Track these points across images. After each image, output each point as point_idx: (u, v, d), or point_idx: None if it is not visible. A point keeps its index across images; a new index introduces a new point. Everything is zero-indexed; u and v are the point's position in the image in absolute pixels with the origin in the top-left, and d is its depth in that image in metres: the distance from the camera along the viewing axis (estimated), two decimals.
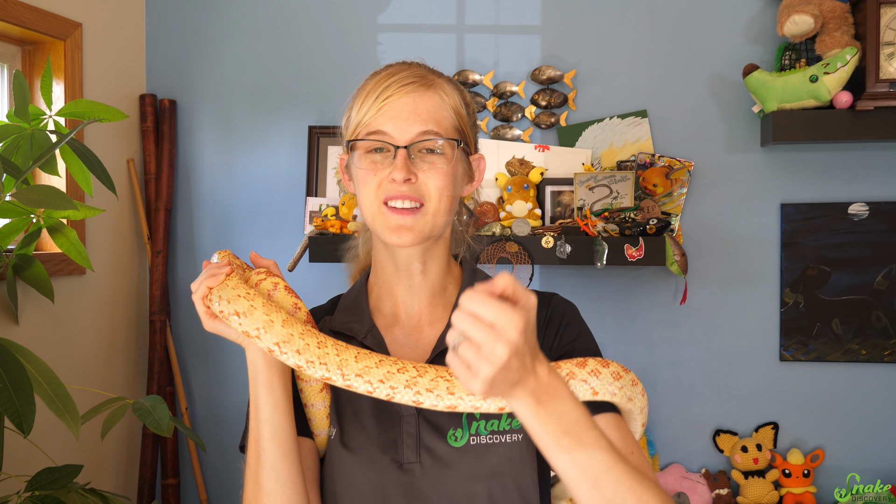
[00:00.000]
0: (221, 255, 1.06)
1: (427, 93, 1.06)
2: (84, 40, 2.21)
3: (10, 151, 1.62)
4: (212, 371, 2.50)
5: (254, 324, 0.94)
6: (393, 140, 1.04)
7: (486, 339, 0.75)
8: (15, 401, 1.31)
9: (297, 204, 2.43)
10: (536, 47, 2.35)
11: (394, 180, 1.03)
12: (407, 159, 1.03)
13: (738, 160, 2.27)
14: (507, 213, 2.21)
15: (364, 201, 1.07)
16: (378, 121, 1.05)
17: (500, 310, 0.75)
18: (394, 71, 1.08)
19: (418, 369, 0.93)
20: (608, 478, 0.82)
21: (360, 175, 1.06)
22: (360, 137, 1.06)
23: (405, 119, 1.04)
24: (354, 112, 1.08)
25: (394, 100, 1.05)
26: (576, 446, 0.81)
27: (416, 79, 1.06)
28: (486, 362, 0.76)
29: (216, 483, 2.50)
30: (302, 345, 0.93)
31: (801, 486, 2.21)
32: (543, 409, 0.81)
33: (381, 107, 1.05)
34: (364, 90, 1.09)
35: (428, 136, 1.05)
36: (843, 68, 2.01)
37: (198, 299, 0.99)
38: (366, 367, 0.93)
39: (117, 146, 2.38)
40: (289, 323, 0.94)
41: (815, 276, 2.25)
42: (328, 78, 2.42)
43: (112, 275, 2.34)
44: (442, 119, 1.07)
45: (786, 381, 2.28)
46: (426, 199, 1.05)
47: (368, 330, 1.12)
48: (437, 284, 1.14)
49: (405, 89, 1.05)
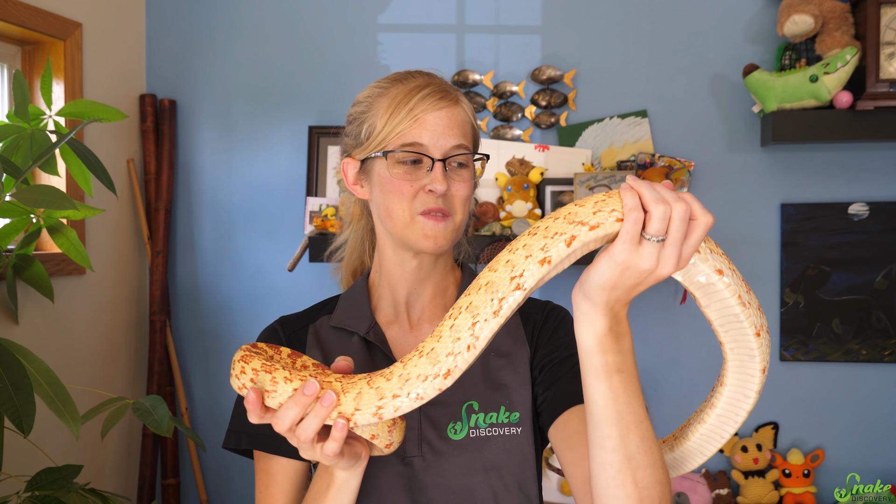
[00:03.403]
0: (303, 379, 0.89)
1: (456, 108, 1.09)
2: (84, 40, 2.21)
3: (9, 151, 1.62)
4: (212, 371, 2.50)
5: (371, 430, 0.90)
6: (430, 152, 1.06)
7: (692, 208, 0.75)
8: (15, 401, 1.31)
9: (297, 204, 2.43)
10: (536, 47, 2.35)
11: (432, 192, 1.06)
12: (444, 171, 1.06)
13: (738, 160, 2.27)
14: (507, 213, 2.21)
15: (395, 209, 1.08)
16: (414, 132, 1.06)
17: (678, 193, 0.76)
18: (420, 84, 1.09)
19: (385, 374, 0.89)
20: (637, 432, 0.83)
21: (393, 184, 1.07)
22: (394, 148, 1.07)
23: (441, 133, 1.07)
24: (380, 121, 1.08)
25: (429, 113, 1.07)
26: (622, 389, 0.82)
27: (444, 93, 1.09)
28: (700, 228, 0.75)
29: (216, 483, 2.49)
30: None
31: (801, 486, 2.21)
32: (613, 338, 0.81)
33: (417, 118, 1.06)
34: (389, 98, 1.09)
35: (461, 149, 1.08)
36: (843, 68, 2.01)
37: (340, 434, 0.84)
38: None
39: (117, 146, 2.38)
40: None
41: (815, 276, 2.25)
42: (328, 78, 2.42)
43: (112, 275, 2.34)
44: (467, 133, 1.11)
45: (786, 381, 2.28)
46: (453, 211, 1.08)
47: (370, 326, 1.13)
48: (440, 285, 1.17)
49: (439, 104, 1.07)
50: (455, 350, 0.79)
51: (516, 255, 0.78)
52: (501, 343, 1.14)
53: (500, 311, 0.77)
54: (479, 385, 1.09)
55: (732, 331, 0.82)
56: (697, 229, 0.75)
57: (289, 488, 1.09)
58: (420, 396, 0.80)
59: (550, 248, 0.76)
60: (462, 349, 0.78)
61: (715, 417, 0.88)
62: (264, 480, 1.09)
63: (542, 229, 0.77)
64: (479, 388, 1.09)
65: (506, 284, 0.77)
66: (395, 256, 1.14)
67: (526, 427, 1.09)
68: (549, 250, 0.76)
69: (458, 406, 1.08)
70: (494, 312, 0.78)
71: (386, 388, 0.81)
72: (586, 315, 0.81)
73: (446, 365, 0.79)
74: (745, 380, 0.84)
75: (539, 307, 1.18)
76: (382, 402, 0.82)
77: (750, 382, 0.84)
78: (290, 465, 1.09)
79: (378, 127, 1.08)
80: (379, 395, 0.82)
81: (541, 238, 0.77)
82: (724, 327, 0.82)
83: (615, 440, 0.82)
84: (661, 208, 0.73)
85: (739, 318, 0.80)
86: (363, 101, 1.12)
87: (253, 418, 0.85)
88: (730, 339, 0.83)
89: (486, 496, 1.05)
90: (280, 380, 0.85)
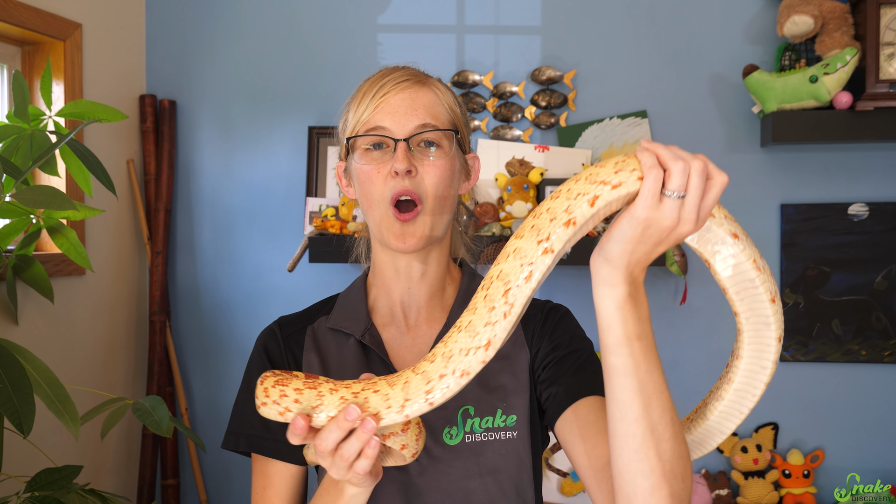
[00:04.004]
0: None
1: (422, 89, 1.08)
2: (84, 41, 2.21)
3: (9, 152, 1.62)
4: (212, 371, 2.50)
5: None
6: (392, 134, 1.05)
7: (709, 165, 0.76)
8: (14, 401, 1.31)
9: (297, 204, 2.43)
10: (536, 47, 2.35)
11: (396, 173, 1.04)
12: (407, 151, 1.04)
13: (738, 160, 2.27)
14: (507, 214, 2.21)
15: (369, 201, 1.07)
16: (376, 117, 1.06)
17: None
18: (387, 71, 1.10)
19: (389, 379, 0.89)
20: (659, 401, 0.82)
21: (363, 173, 1.07)
22: (358, 135, 1.07)
23: (403, 113, 1.06)
24: (351, 114, 1.10)
25: (390, 96, 1.06)
26: (642, 356, 0.81)
27: (410, 76, 1.08)
28: (717, 186, 0.77)
29: (216, 483, 2.49)
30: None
31: (801, 486, 2.21)
32: (632, 304, 0.81)
33: (379, 104, 1.06)
34: (359, 92, 1.11)
35: (426, 128, 1.06)
36: (843, 69, 2.01)
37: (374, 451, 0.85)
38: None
39: (117, 147, 2.38)
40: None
41: (814, 276, 2.25)
42: (328, 78, 2.42)
43: (112, 275, 2.34)
44: (438, 114, 1.08)
45: (786, 382, 2.28)
46: (424, 197, 1.06)
47: (366, 328, 1.12)
48: (436, 286, 1.15)
49: (401, 86, 1.07)
50: (492, 319, 0.77)
51: (541, 219, 0.77)
52: (506, 350, 1.12)
53: (531, 276, 0.77)
54: (474, 389, 1.08)
55: (748, 298, 0.82)
56: (715, 187, 0.76)
57: (286, 492, 1.08)
58: (465, 372, 0.79)
59: (574, 209, 0.76)
60: (499, 317, 0.77)
61: (733, 392, 0.87)
62: (261, 483, 1.09)
63: (565, 192, 0.77)
64: (474, 392, 1.08)
65: (533, 249, 0.77)
66: (385, 256, 1.13)
67: (523, 430, 1.07)
68: (573, 211, 0.76)
69: (454, 410, 1.07)
70: (526, 278, 0.77)
71: (432, 371, 0.80)
72: (606, 281, 0.81)
73: (486, 336, 0.78)
74: (761, 350, 0.84)
75: (538, 308, 1.17)
76: (430, 384, 0.80)
77: (766, 352, 0.83)
78: (287, 469, 1.08)
79: (350, 120, 1.10)
80: (426, 379, 0.80)
81: (563, 200, 0.77)
82: (740, 294, 0.82)
83: (638, 410, 0.81)
84: (679, 164, 0.75)
85: (755, 283, 0.80)
86: (345, 102, 1.14)
87: (295, 440, 0.84)
88: (745, 307, 0.82)
89: (483, 500, 1.05)
90: (326, 392, 0.83)
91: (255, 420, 1.08)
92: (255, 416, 1.08)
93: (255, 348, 1.16)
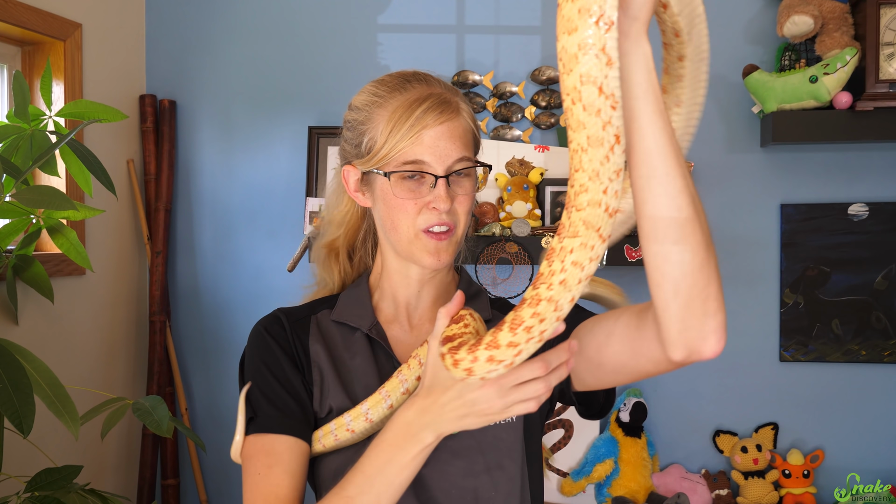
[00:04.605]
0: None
1: (457, 119, 1.08)
2: (84, 41, 2.21)
3: (9, 152, 1.62)
4: (212, 371, 2.50)
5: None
6: (433, 170, 1.06)
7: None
8: (14, 401, 1.31)
9: (297, 204, 2.43)
10: (536, 47, 2.35)
11: (437, 209, 1.06)
12: (447, 187, 1.06)
13: (738, 160, 2.27)
14: (507, 214, 2.21)
15: (400, 225, 1.08)
16: (416, 150, 1.05)
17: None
18: (420, 96, 1.07)
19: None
20: (686, 172, 0.81)
21: (397, 202, 1.07)
22: (397, 168, 1.06)
23: (443, 149, 1.06)
24: (381, 136, 1.07)
25: (429, 129, 1.05)
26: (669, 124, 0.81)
27: (444, 105, 1.07)
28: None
29: (216, 483, 2.49)
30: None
31: (801, 486, 2.21)
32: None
33: (418, 135, 1.05)
34: (388, 111, 1.07)
35: (463, 162, 1.07)
36: (843, 69, 2.01)
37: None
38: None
39: (117, 146, 2.38)
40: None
41: (814, 276, 2.25)
42: (328, 78, 2.42)
43: (112, 275, 2.34)
44: (468, 143, 1.10)
45: (786, 382, 2.28)
46: (456, 224, 1.09)
47: (372, 324, 1.14)
48: (443, 288, 1.18)
49: (440, 118, 1.06)
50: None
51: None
52: None
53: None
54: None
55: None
56: None
57: (296, 469, 1.04)
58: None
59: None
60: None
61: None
62: (264, 462, 1.03)
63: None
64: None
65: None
66: (398, 265, 1.14)
67: (524, 422, 1.09)
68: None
69: None
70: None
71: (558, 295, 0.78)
72: (638, 42, 0.78)
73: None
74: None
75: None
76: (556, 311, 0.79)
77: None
78: (297, 444, 1.05)
79: (379, 142, 1.07)
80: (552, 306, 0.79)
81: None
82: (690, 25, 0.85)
83: (680, 181, 0.80)
84: None
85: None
86: (362, 109, 1.11)
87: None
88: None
89: (490, 494, 1.06)
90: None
91: (257, 401, 1.07)
92: (256, 398, 1.07)
93: (254, 333, 1.14)
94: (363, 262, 1.25)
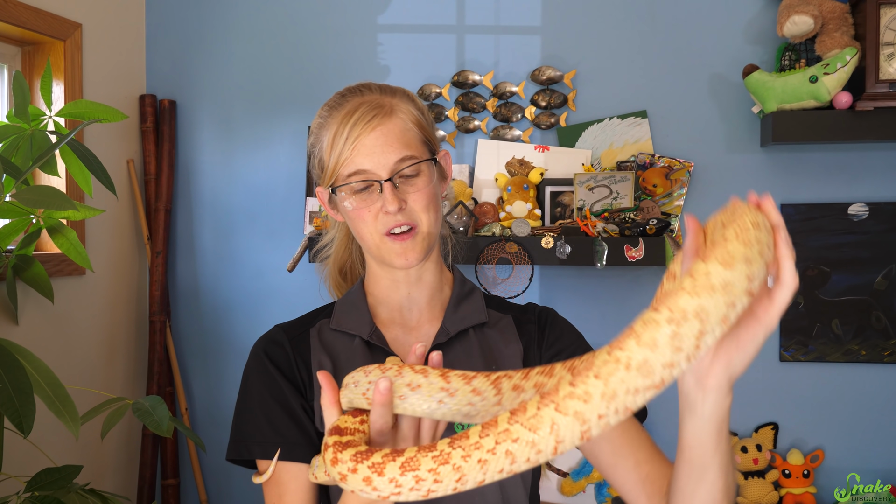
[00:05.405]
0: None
1: (391, 120, 1.09)
2: (84, 41, 2.21)
3: (9, 152, 1.62)
4: (212, 371, 2.50)
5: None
6: (375, 175, 1.07)
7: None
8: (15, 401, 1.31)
9: (297, 204, 2.43)
10: (536, 47, 2.35)
11: (388, 212, 1.07)
12: (393, 189, 1.07)
13: (738, 160, 2.27)
14: (507, 214, 2.21)
15: (364, 234, 1.10)
16: (355, 160, 1.07)
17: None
18: (353, 106, 1.10)
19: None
20: (732, 470, 0.86)
21: (355, 214, 1.10)
22: (342, 182, 1.09)
23: (380, 153, 1.07)
24: (325, 154, 1.10)
25: (363, 137, 1.07)
26: (725, 437, 0.83)
27: (376, 110, 1.09)
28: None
29: (216, 483, 2.50)
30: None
31: (801, 486, 2.21)
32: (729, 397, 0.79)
33: (354, 146, 1.07)
34: (328, 129, 1.10)
35: (405, 162, 1.08)
36: (843, 69, 2.01)
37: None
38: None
39: (117, 147, 2.38)
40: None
41: (814, 276, 2.25)
42: (328, 78, 2.42)
43: (112, 275, 2.34)
44: (410, 141, 1.10)
45: (786, 382, 2.28)
46: (418, 222, 1.09)
47: (372, 330, 1.14)
48: (434, 287, 1.18)
49: (371, 124, 1.08)
50: (675, 360, 0.65)
51: (752, 250, 0.66)
52: (500, 352, 1.15)
53: (728, 318, 0.66)
54: None
55: None
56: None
57: (304, 496, 1.06)
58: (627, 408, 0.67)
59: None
60: (681, 360, 0.65)
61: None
62: (275, 491, 1.07)
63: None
64: None
65: (743, 285, 0.65)
66: (381, 270, 1.17)
67: None
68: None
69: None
70: (723, 320, 0.66)
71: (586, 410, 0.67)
72: (727, 396, 0.78)
73: (659, 375, 0.65)
74: None
75: (530, 311, 1.21)
76: (585, 426, 0.67)
77: None
78: (301, 470, 1.07)
79: (326, 161, 1.11)
80: (580, 419, 0.67)
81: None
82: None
83: (723, 482, 0.85)
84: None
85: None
86: (313, 132, 1.14)
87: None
88: None
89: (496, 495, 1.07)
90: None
91: (260, 427, 1.08)
92: (258, 423, 1.08)
93: (254, 355, 1.16)
94: (355, 270, 1.28)
